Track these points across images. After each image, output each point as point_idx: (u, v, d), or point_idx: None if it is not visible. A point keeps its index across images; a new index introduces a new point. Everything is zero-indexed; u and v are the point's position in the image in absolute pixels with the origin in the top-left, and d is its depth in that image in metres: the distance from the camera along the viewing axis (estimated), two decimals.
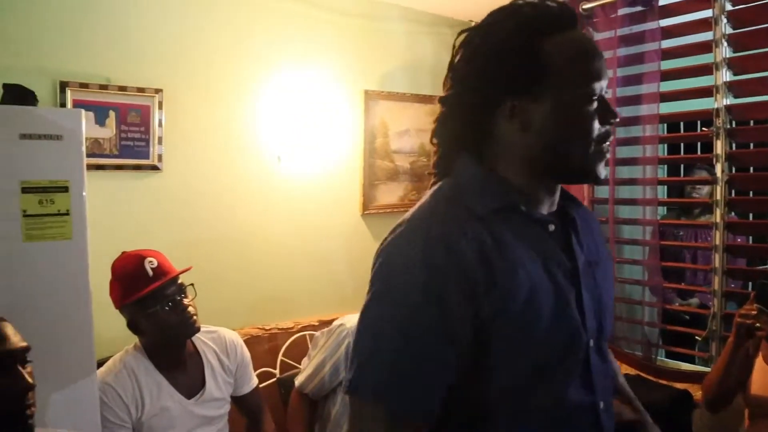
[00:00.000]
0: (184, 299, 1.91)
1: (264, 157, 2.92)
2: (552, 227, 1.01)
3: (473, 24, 3.62)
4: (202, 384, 1.99)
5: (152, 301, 1.84)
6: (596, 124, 0.96)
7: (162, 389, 1.90)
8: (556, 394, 0.97)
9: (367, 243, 3.28)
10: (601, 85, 0.97)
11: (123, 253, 1.94)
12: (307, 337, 2.98)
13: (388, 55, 3.33)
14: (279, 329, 2.95)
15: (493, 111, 0.98)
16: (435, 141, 1.08)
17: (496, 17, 1.00)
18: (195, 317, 1.92)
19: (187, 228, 2.71)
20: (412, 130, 3.40)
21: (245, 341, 2.23)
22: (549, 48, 0.94)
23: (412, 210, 1.00)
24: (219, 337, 2.09)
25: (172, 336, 1.90)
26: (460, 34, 1.03)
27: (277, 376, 2.72)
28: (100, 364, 1.91)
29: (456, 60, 1.03)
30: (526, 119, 0.96)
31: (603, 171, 1.00)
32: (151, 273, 1.86)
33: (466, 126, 1.02)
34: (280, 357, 2.87)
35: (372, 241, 3.29)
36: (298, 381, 2.09)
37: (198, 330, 1.94)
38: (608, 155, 1.01)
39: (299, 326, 3.00)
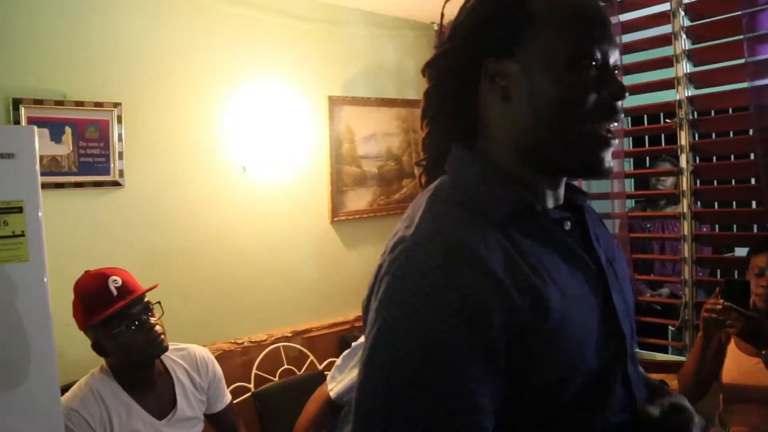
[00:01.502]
0: (151, 318, 1.85)
1: (229, 168, 2.87)
2: (568, 225, 0.87)
3: (436, 26, 3.55)
4: (174, 404, 1.92)
5: (117, 321, 1.78)
6: (592, 97, 0.80)
7: (131, 411, 1.83)
8: (594, 416, 0.81)
9: (337, 250, 3.24)
10: (604, 52, 0.81)
11: (86, 272, 1.88)
12: (281, 348, 2.93)
13: (350, 60, 3.31)
14: (252, 342, 2.90)
15: (475, 80, 0.85)
16: (425, 122, 0.92)
17: None
18: (163, 336, 1.86)
19: (153, 244, 2.65)
20: (378, 134, 3.38)
21: (217, 357, 2.18)
22: (539, 3, 0.81)
23: (408, 219, 0.82)
24: (189, 354, 2.03)
25: (139, 356, 1.84)
26: None
27: (252, 390, 2.67)
28: (65, 389, 1.84)
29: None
30: (507, 85, 0.82)
31: (607, 160, 0.83)
32: (115, 292, 1.79)
33: (450, 100, 0.88)
34: (254, 370, 2.82)
35: (343, 248, 3.26)
36: (334, 392, 1.96)
37: (166, 349, 1.89)
38: (614, 142, 0.83)
39: (272, 338, 2.96)
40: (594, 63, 0.79)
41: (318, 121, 3.16)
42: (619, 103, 0.81)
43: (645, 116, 3.34)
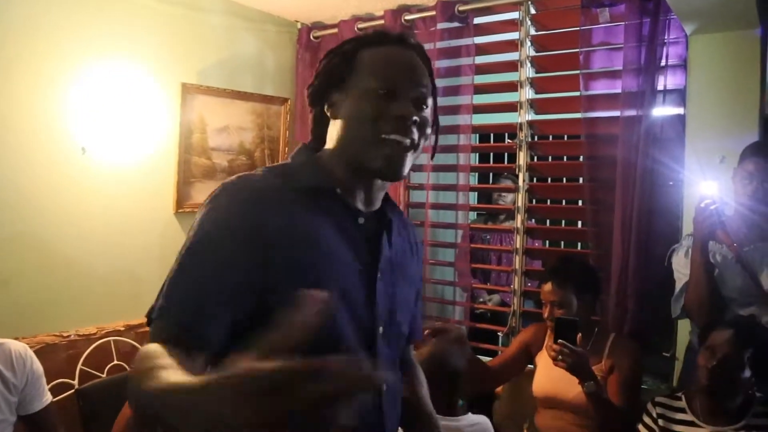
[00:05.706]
0: None
1: (67, 148, 2.65)
2: (362, 220, 1.11)
3: (299, 24, 3.57)
4: None
5: None
6: (378, 114, 1.05)
7: None
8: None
9: (180, 243, 3.09)
10: (399, 86, 1.07)
11: None
12: (112, 343, 2.76)
13: (208, 48, 3.19)
14: (79, 336, 2.70)
15: (324, 105, 1.14)
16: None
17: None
18: None
19: None
20: (231, 127, 3.29)
21: (38, 351, 2.03)
22: (363, 54, 1.12)
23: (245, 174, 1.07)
24: (3, 350, 1.85)
25: None
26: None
27: (76, 387, 2.49)
28: None
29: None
30: (337, 109, 1.12)
31: (401, 167, 1.07)
32: None
33: (312, 120, 1.19)
34: (79, 366, 2.63)
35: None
36: None
37: None
38: (410, 153, 1.08)
39: (103, 332, 2.77)
40: (386, 93, 1.06)
41: (169, 107, 3.02)
42: (409, 122, 1.06)
43: (492, 135, 3.53)
